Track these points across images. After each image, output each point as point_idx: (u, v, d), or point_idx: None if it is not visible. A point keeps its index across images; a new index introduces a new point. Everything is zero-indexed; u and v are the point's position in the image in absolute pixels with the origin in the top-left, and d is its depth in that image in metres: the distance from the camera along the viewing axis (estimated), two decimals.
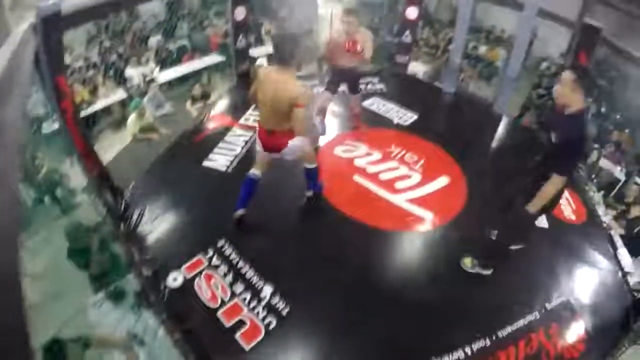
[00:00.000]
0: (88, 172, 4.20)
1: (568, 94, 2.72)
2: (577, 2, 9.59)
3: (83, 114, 6.82)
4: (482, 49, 9.54)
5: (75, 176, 4.63)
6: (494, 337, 3.14)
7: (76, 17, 3.76)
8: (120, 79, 7.83)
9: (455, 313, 3.28)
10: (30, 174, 5.46)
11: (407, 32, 6.87)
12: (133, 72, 7.88)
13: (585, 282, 3.73)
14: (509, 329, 3.21)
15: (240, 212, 3.72)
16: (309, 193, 4.08)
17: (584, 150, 3.00)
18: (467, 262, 3.61)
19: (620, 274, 3.92)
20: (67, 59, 8.16)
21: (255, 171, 3.67)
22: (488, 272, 3.56)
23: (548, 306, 3.42)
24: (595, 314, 3.45)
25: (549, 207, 3.09)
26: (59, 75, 3.67)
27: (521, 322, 3.27)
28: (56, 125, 5.56)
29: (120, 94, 7.54)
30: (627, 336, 3.37)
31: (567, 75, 2.71)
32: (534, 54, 9.85)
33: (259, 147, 3.60)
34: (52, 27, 3.42)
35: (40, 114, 6.12)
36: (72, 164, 4.91)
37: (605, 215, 4.57)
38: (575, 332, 3.31)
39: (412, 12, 6.70)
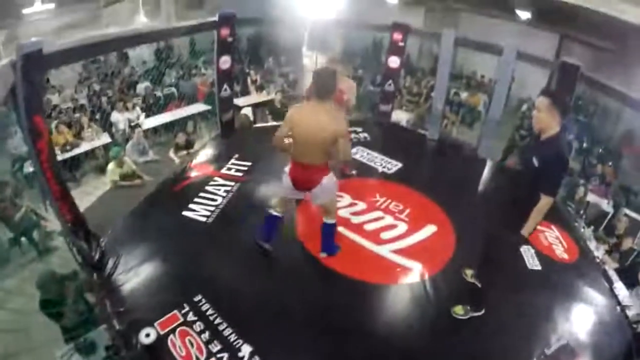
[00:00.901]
0: (62, 216, 4.04)
1: (545, 118, 2.81)
2: (553, 43, 10.04)
3: (67, 156, 6.79)
4: (464, 95, 9.79)
5: (54, 219, 4.51)
6: None
7: (59, 57, 3.71)
8: (106, 124, 7.83)
9: None
10: (8, 214, 5.33)
11: (390, 81, 7.00)
12: (119, 117, 7.93)
13: (583, 321, 3.61)
14: None
15: (267, 246, 3.80)
16: (324, 255, 3.90)
17: (566, 169, 3.01)
18: (459, 310, 3.48)
19: (618, 308, 3.81)
20: (56, 100, 8.26)
21: (276, 210, 3.73)
22: (481, 312, 3.49)
23: (547, 352, 3.25)
24: (597, 352, 3.32)
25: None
26: (36, 115, 3.56)
27: None
28: (32, 168, 5.49)
29: (104, 139, 7.53)
30: None
31: (542, 100, 2.80)
32: (514, 96, 10.15)
33: (287, 184, 3.56)
34: (32, 65, 3.35)
35: (23, 153, 6.03)
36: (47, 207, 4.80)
37: (598, 250, 4.50)
38: None
39: (394, 61, 6.85)
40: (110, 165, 5.89)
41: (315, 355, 3.15)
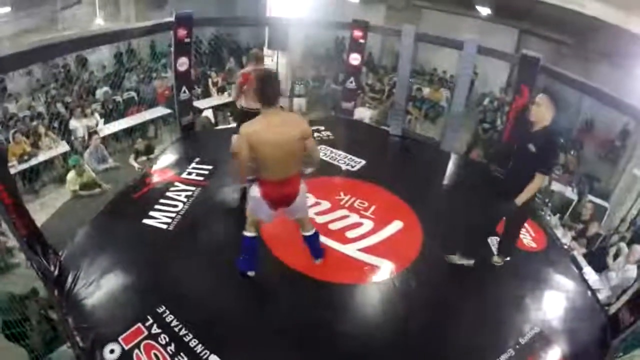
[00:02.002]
0: (17, 231, 3.85)
1: (543, 112, 3.32)
2: (513, 38, 10.29)
3: (25, 166, 6.52)
4: (426, 91, 9.89)
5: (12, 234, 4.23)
6: None
7: (9, 61, 3.53)
8: (65, 131, 7.55)
9: None
10: None
11: (352, 79, 7.02)
12: (77, 124, 7.66)
13: (556, 308, 3.68)
14: None
15: (251, 273, 3.60)
16: (318, 261, 3.77)
17: (557, 153, 3.78)
18: (453, 257, 3.93)
19: (589, 293, 3.91)
20: (13, 108, 7.91)
21: (251, 233, 3.42)
22: (471, 261, 3.89)
23: (522, 341, 3.30)
24: (572, 338, 3.38)
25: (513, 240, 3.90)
26: None
27: None
28: None
29: (62, 148, 7.25)
30: (607, 353, 3.33)
31: (542, 97, 3.35)
32: (476, 91, 10.36)
33: (262, 209, 3.27)
34: None
35: None
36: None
37: (565, 237, 4.61)
38: None
39: (355, 59, 6.88)
40: (70, 175, 5.69)
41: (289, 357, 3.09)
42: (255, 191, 3.21)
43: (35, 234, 3.92)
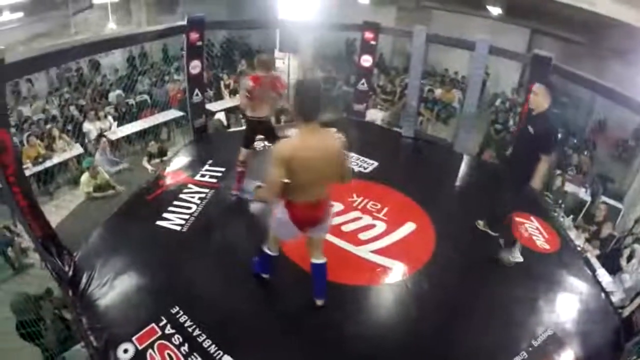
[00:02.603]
0: (32, 232, 3.91)
1: (540, 100, 3.69)
2: (525, 37, 10.21)
3: (39, 168, 6.62)
4: (438, 92, 9.84)
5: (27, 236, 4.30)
6: None
7: (22, 66, 3.58)
8: (78, 134, 7.65)
9: None
10: None
11: (363, 81, 7.00)
12: (91, 127, 7.75)
13: (569, 310, 3.64)
14: None
15: (266, 275, 3.55)
16: (320, 302, 3.38)
17: (556, 135, 3.99)
18: (481, 223, 4.39)
19: (602, 295, 3.86)
20: (27, 112, 8.04)
21: (272, 252, 3.32)
22: (495, 234, 4.26)
23: (535, 343, 3.26)
24: (585, 341, 3.34)
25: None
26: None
27: None
28: None
29: (77, 150, 7.35)
30: (621, 356, 3.28)
31: (539, 86, 3.74)
32: (488, 92, 10.28)
33: (289, 229, 3.06)
34: None
35: None
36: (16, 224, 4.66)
37: (578, 239, 4.55)
38: None
39: (366, 60, 6.86)
40: (84, 177, 5.76)
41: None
42: (281, 212, 2.98)
43: (50, 235, 3.97)
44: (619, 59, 7.91)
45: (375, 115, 8.08)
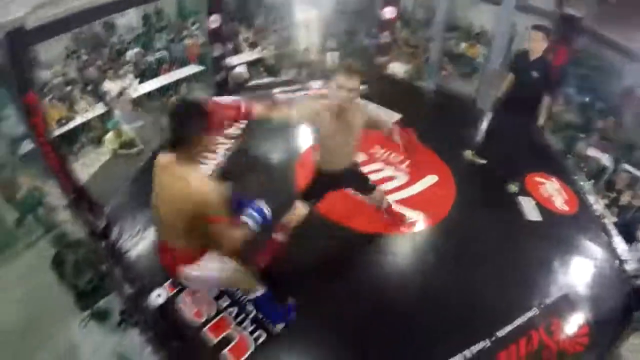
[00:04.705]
0: (64, 190, 4.05)
1: (538, 45, 3.90)
2: None
3: (63, 130, 6.73)
4: (462, 46, 9.55)
5: (57, 194, 4.54)
6: (493, 338, 3.04)
7: (43, 31, 3.62)
8: (99, 94, 7.72)
9: (452, 316, 3.17)
10: (10, 194, 5.34)
11: (386, 33, 6.82)
12: (111, 86, 7.77)
13: (582, 273, 3.65)
14: (508, 328, 3.11)
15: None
16: (279, 327, 3.02)
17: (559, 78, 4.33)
18: (469, 154, 4.71)
19: (616, 262, 3.85)
20: (46, 76, 8.10)
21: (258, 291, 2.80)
22: (483, 161, 4.63)
23: (547, 301, 3.33)
24: (596, 305, 3.37)
25: None
26: (27, 92, 3.53)
27: (520, 320, 3.17)
28: (31, 145, 5.46)
29: (99, 109, 7.43)
30: (629, 324, 3.32)
31: (536, 33, 3.89)
32: (515, 50, 9.89)
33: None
34: (17, 42, 3.31)
35: (18, 134, 6.00)
36: (48, 182, 4.79)
37: (597, 204, 4.51)
38: (576, 325, 3.21)
39: (389, 12, 6.65)
40: (109, 135, 5.88)
41: (319, 305, 3.20)
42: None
43: (81, 191, 4.12)
44: None
45: (397, 69, 7.92)
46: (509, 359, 2.96)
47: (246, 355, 2.88)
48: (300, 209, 3.17)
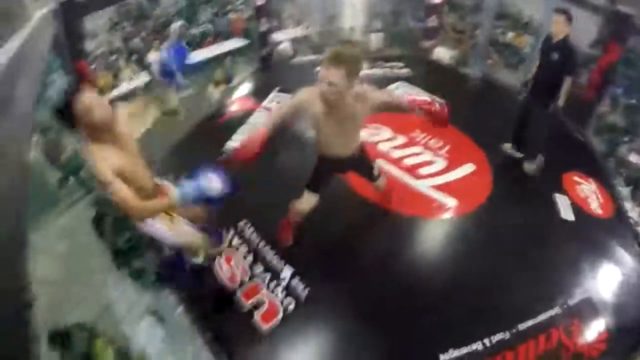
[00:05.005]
0: None
1: (560, 28, 3.98)
2: None
3: (108, 97, 6.95)
4: (509, 35, 9.28)
5: None
6: (514, 330, 3.09)
7: (95, 2, 3.78)
8: (144, 64, 7.90)
9: (475, 304, 3.23)
10: (54, 156, 5.58)
11: (433, 17, 6.72)
12: (156, 57, 7.92)
13: (609, 279, 3.59)
14: (530, 323, 3.14)
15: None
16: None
17: (577, 58, 4.23)
18: (508, 146, 4.73)
19: None
20: (91, 45, 8.33)
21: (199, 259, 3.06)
22: (521, 155, 4.60)
23: (570, 302, 3.32)
24: (618, 313, 3.31)
25: None
26: (79, 59, 3.70)
27: (542, 317, 3.19)
28: None
29: (143, 78, 7.61)
30: None
31: (559, 16, 3.99)
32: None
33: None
34: (70, 12, 3.47)
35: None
36: None
37: (633, 211, 4.41)
38: (596, 330, 3.19)
39: None
40: (152, 102, 6.02)
41: (349, 280, 3.32)
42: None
43: None
44: None
45: (443, 54, 7.79)
46: (527, 354, 2.99)
47: (275, 321, 3.03)
48: (309, 199, 3.26)
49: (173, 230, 2.69)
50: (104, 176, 2.18)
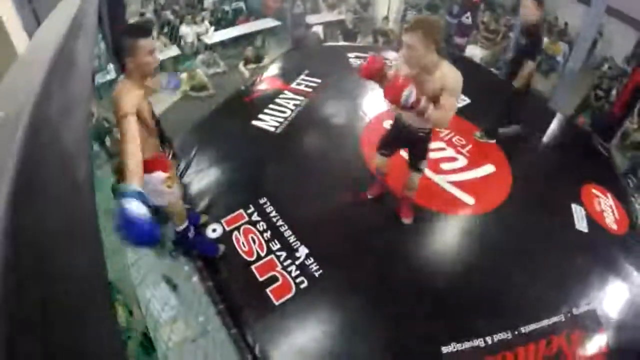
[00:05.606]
0: None
1: (528, 12, 4.01)
2: None
3: None
4: (544, 41, 9.16)
5: None
6: (516, 332, 3.12)
7: None
8: (174, 37, 8.00)
9: (481, 302, 3.28)
10: None
11: (468, 14, 6.68)
12: (187, 30, 8.04)
13: (615, 295, 3.57)
14: (532, 327, 3.17)
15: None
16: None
17: (541, 44, 4.46)
18: (478, 133, 4.78)
19: None
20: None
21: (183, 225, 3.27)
22: (493, 141, 4.76)
23: (574, 311, 3.32)
24: (620, 330, 3.30)
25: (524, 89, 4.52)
26: (119, 26, 3.78)
27: (545, 322, 3.21)
28: (109, 77, 5.79)
29: (173, 51, 7.71)
30: None
31: (530, 2, 3.96)
32: (598, 54, 9.42)
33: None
34: None
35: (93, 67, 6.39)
36: None
37: None
38: (597, 344, 3.19)
39: None
40: (183, 76, 6.10)
41: (364, 265, 3.38)
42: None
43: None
44: None
45: (474, 52, 7.75)
46: (527, 356, 3.02)
47: (287, 297, 3.13)
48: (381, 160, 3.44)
49: (171, 187, 2.82)
50: (126, 107, 2.20)
